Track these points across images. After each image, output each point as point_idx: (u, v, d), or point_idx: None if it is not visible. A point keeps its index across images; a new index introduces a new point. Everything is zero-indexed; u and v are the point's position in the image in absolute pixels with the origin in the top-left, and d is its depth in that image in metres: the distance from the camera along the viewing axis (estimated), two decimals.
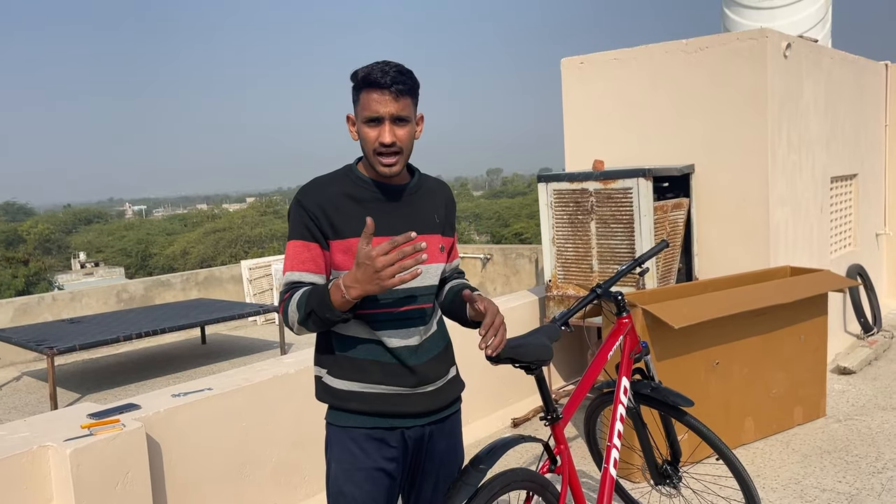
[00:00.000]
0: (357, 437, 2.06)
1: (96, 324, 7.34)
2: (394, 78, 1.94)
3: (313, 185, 2.06)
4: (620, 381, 2.88)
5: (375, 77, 1.94)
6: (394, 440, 2.08)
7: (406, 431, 2.09)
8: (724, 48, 5.13)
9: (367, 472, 2.05)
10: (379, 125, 1.97)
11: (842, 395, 5.18)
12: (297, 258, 2.02)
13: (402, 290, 2.05)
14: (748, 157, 5.11)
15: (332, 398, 2.09)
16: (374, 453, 2.06)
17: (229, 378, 3.76)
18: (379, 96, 1.95)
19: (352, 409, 2.06)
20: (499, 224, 48.43)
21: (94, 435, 2.95)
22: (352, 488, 2.05)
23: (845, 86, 6.49)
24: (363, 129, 1.99)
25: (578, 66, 5.85)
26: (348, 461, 2.06)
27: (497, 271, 11.10)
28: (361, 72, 1.97)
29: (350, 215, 2.01)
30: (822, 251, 6.13)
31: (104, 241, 52.94)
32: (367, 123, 1.98)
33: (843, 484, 3.80)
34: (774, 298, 4.24)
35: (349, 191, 2.04)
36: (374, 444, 2.06)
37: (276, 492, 3.72)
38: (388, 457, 2.07)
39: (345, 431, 2.08)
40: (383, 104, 1.95)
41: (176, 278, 9.97)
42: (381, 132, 1.96)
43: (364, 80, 1.96)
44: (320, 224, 2.01)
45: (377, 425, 2.06)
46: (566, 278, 5.17)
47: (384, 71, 1.94)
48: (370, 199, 2.04)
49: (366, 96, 1.96)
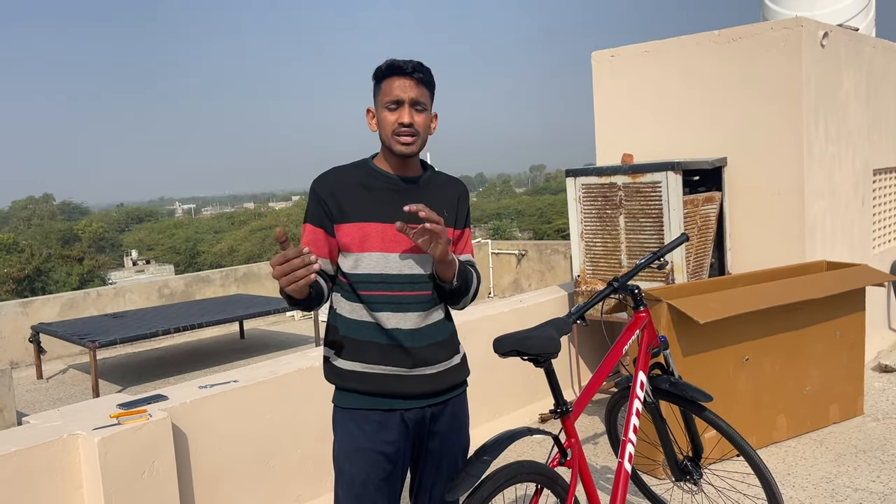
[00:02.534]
0: (357, 419, 2.15)
1: (138, 318, 7.56)
2: (415, 67, 2.12)
3: (329, 172, 2.22)
4: (637, 376, 2.85)
5: (399, 65, 2.11)
6: (393, 423, 2.15)
7: (405, 413, 2.16)
8: (758, 38, 5.01)
9: (365, 453, 2.13)
10: (399, 108, 2.11)
11: (882, 393, 5.02)
12: (307, 240, 2.19)
13: (400, 276, 2.15)
14: (783, 150, 4.99)
15: (336, 378, 2.21)
16: (372, 435, 2.13)
17: (255, 370, 3.84)
18: (401, 82, 2.11)
19: (352, 389, 2.16)
20: (541, 221, 48.16)
21: (122, 424, 3.05)
22: (350, 468, 2.14)
23: (889, 75, 6.28)
24: (383, 114, 2.13)
25: (609, 60, 5.79)
26: (348, 441, 2.15)
27: (532, 267, 11.06)
28: (384, 64, 2.13)
29: (358, 201, 2.15)
30: (864, 245, 5.95)
31: (155, 238, 54.28)
32: (387, 107, 2.12)
33: (876, 483, 3.69)
34: (806, 293, 4.14)
35: (362, 180, 2.18)
36: (373, 426, 2.14)
37: (301, 484, 3.78)
38: (387, 440, 2.14)
39: (347, 413, 2.18)
40: (404, 89, 2.11)
41: (216, 274, 10.18)
42: (400, 114, 2.11)
43: (388, 69, 2.12)
44: (329, 208, 2.15)
45: (376, 406, 2.15)
46: (595, 273, 5.13)
47: (406, 61, 2.12)
48: (381, 189, 2.17)
49: (388, 83, 2.12)
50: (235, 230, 45.88)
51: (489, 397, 4.78)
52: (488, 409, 4.78)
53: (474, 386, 4.66)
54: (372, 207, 2.14)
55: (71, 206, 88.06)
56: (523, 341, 2.21)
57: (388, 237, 2.14)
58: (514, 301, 5.37)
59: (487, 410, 4.78)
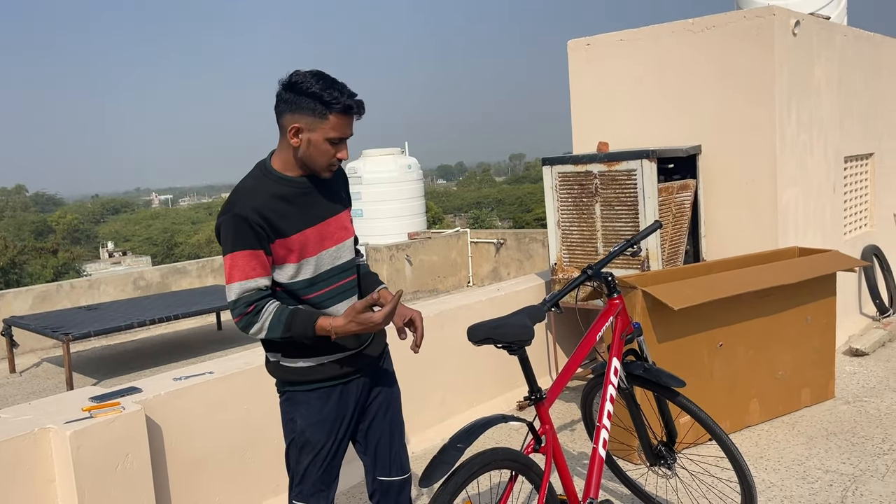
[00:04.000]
0: (321, 395, 2.35)
1: (112, 311, 7.48)
2: (363, 109, 2.24)
3: (243, 193, 2.22)
4: (611, 363, 2.87)
5: (353, 109, 2.20)
6: (348, 391, 2.38)
7: (357, 381, 2.41)
8: (731, 27, 5.05)
9: (330, 422, 2.35)
10: (340, 144, 2.23)
11: (852, 376, 5.11)
12: (247, 266, 2.18)
13: (337, 267, 2.34)
14: (756, 138, 5.04)
15: (292, 376, 2.35)
16: (335, 405, 2.35)
17: (231, 362, 3.82)
18: (349, 121, 2.21)
19: (311, 380, 2.34)
20: (521, 210, 48.29)
21: (95, 417, 3.02)
22: (317, 435, 2.33)
23: (860, 63, 6.35)
24: (323, 146, 2.20)
25: (585, 48, 5.79)
26: (312, 414, 2.34)
27: (511, 256, 11.09)
28: (336, 98, 2.16)
29: (286, 215, 2.23)
30: (836, 232, 6.03)
31: (131, 230, 53.75)
32: (331, 142, 2.20)
33: (846, 465, 3.76)
34: (778, 279, 4.19)
35: (276, 192, 2.23)
36: (332, 398, 2.35)
37: (279, 475, 3.77)
38: (347, 405, 2.38)
39: (307, 393, 2.35)
40: (349, 128, 2.23)
41: (192, 265, 10.10)
42: (340, 150, 2.23)
43: (345, 110, 2.18)
44: (263, 230, 2.18)
45: (334, 384, 2.36)
46: (571, 261, 5.15)
47: (358, 103, 2.21)
48: (295, 196, 2.26)
49: (339, 120, 2.18)
50: (213, 220, 45.51)
51: (467, 385, 4.80)
52: (466, 398, 4.80)
53: (452, 375, 4.68)
54: (299, 216, 2.24)
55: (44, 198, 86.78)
56: (496, 329, 2.22)
57: (323, 236, 2.30)
58: (491, 290, 5.38)
59: (465, 399, 4.79)
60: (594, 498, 2.63)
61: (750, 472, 2.91)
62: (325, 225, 2.30)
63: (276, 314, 2.17)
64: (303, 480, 2.37)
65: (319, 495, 2.38)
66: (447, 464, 2.10)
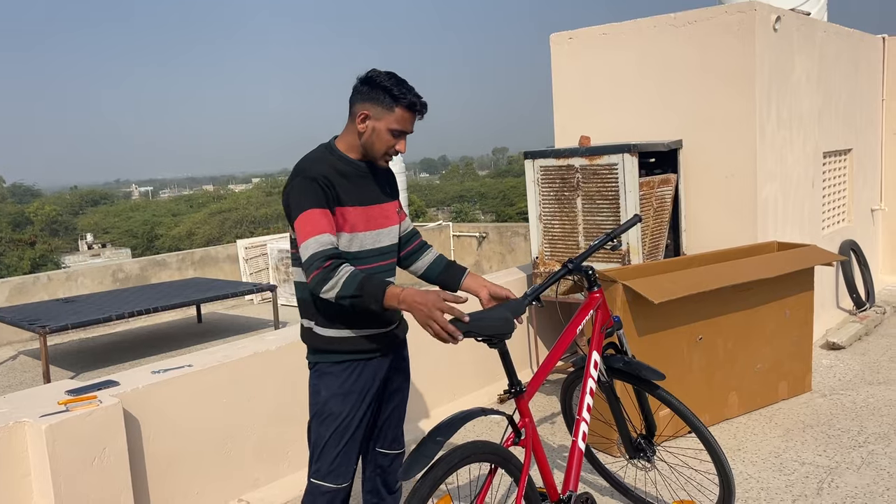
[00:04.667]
0: (346, 369, 2.47)
1: (90, 303, 7.39)
2: (426, 109, 2.47)
3: (310, 162, 2.43)
4: (591, 356, 2.88)
5: (418, 107, 2.44)
6: (371, 369, 2.51)
7: (380, 360, 2.54)
8: (713, 22, 5.07)
9: (353, 395, 2.47)
10: (401, 137, 2.45)
11: (829, 370, 5.17)
12: (321, 222, 2.32)
13: (376, 249, 2.50)
14: (736, 133, 5.07)
15: (323, 344, 2.48)
16: (357, 380, 2.47)
17: (210, 355, 3.79)
18: (412, 118, 2.44)
19: (339, 350, 2.46)
20: (504, 203, 48.32)
21: (71, 411, 2.99)
22: (338, 406, 2.45)
23: (840, 60, 6.41)
24: (385, 135, 2.42)
25: (567, 42, 5.79)
26: (335, 386, 2.46)
27: (493, 249, 11.10)
28: (404, 94, 2.39)
29: (345, 187, 2.43)
30: (814, 226, 6.09)
31: (111, 222, 53.12)
32: (392, 133, 2.42)
33: (822, 457, 3.80)
34: (758, 273, 4.22)
35: (337, 167, 2.44)
36: (356, 373, 2.48)
37: (258, 467, 3.75)
38: (368, 382, 2.50)
39: (334, 366, 2.48)
40: (411, 124, 2.46)
41: (172, 258, 10.00)
42: (400, 143, 2.46)
43: (410, 106, 2.41)
44: (331, 192, 2.37)
45: (360, 358, 2.49)
46: (553, 255, 5.16)
47: (422, 102, 2.44)
48: (353, 175, 2.46)
49: (403, 114, 2.41)
50: (194, 213, 45.10)
51: (449, 378, 4.80)
52: (447, 391, 4.80)
53: (433, 368, 4.68)
54: (354, 192, 2.44)
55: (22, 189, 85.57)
56: (477, 322, 2.21)
57: (368, 218, 2.47)
58: None
59: (447, 392, 4.79)
60: (574, 491, 2.64)
61: (729, 464, 2.94)
62: (372, 209, 2.50)
63: (351, 274, 2.26)
64: (321, 457, 2.46)
65: (337, 473, 2.46)
66: (426, 457, 2.10)
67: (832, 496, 3.39)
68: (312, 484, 2.48)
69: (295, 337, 4.02)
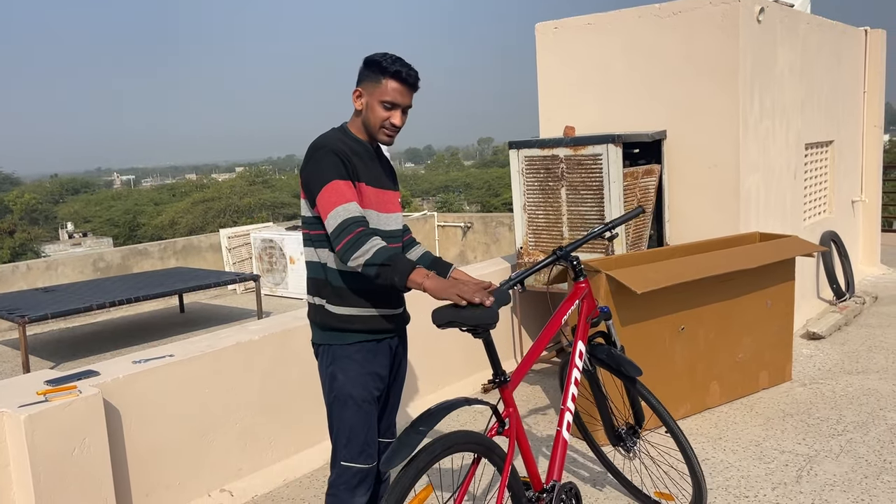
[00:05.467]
0: (360, 350, 2.48)
1: (71, 292, 7.31)
2: (416, 79, 2.45)
3: (331, 138, 2.45)
4: (576, 346, 2.88)
5: (405, 76, 2.41)
6: (383, 350, 2.54)
7: (390, 342, 2.58)
8: (697, 12, 5.07)
9: (370, 376, 2.49)
10: (393, 110, 2.44)
11: (809, 359, 5.23)
12: (347, 192, 2.34)
13: (388, 231, 2.54)
14: (719, 123, 5.09)
15: (335, 321, 2.47)
16: (372, 361, 2.50)
17: (192, 345, 3.76)
18: (402, 89, 2.43)
19: (353, 329, 2.47)
20: (489, 194, 48.34)
21: (50, 401, 2.95)
22: (359, 390, 2.46)
23: (822, 52, 6.44)
24: (377, 108, 2.43)
25: (553, 32, 5.78)
26: (353, 370, 2.46)
27: (477, 240, 11.10)
28: (392, 66, 2.40)
29: (358, 165, 2.46)
30: (796, 217, 6.14)
31: (92, 211, 52.58)
32: (383, 105, 2.43)
33: (802, 446, 3.85)
34: (740, 264, 4.25)
35: (351, 147, 2.47)
36: (371, 354, 2.50)
37: (241, 457, 3.73)
38: (382, 363, 2.54)
39: (349, 347, 2.48)
40: (403, 96, 2.44)
41: (154, 247, 9.92)
42: (392, 115, 2.45)
43: (395, 75, 2.41)
44: (349, 166, 2.40)
45: (372, 339, 2.50)
46: (537, 245, 5.17)
47: (410, 73, 2.42)
48: (364, 156, 2.50)
49: (391, 84, 2.41)
50: (177, 202, 44.73)
51: (433, 368, 4.80)
52: (432, 380, 4.80)
53: (418, 357, 4.67)
54: (366, 171, 2.47)
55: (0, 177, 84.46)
56: (461, 312, 2.20)
57: (378, 199, 2.51)
58: None
59: (431, 381, 4.79)
60: (557, 480, 2.65)
61: (700, 465, 2.98)
62: (385, 192, 2.55)
63: (383, 245, 2.28)
64: (351, 441, 2.46)
65: (368, 453, 2.49)
66: (409, 447, 2.09)
67: (811, 484, 3.43)
68: (344, 467, 2.48)
69: (278, 327, 4.00)
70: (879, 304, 6.65)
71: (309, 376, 4.05)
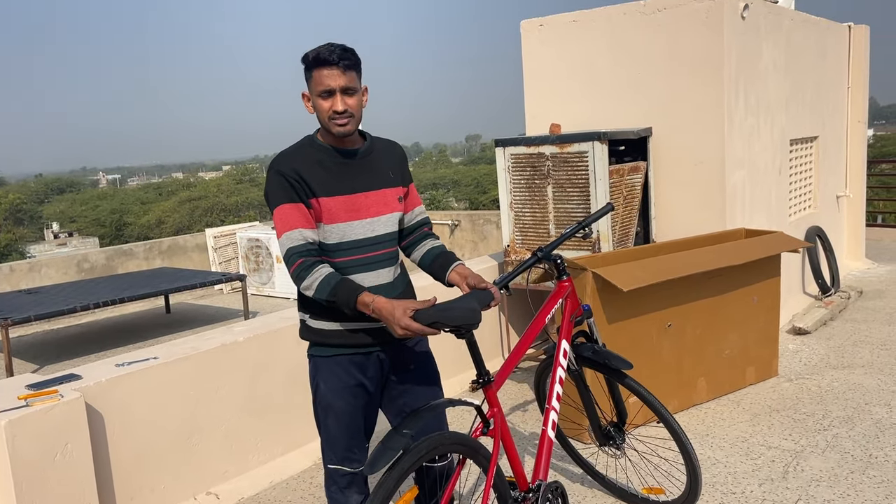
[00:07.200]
0: (341, 362, 2.43)
1: (55, 294, 7.24)
2: (340, 55, 2.27)
3: (284, 156, 2.36)
4: (560, 344, 2.87)
5: (325, 56, 2.26)
6: (370, 362, 2.46)
7: (380, 354, 2.47)
8: (682, 9, 5.07)
9: (350, 388, 2.43)
10: (331, 97, 2.30)
11: (795, 354, 5.25)
12: (291, 217, 2.29)
13: (368, 238, 2.41)
14: (705, 120, 5.10)
15: (315, 336, 2.45)
16: (355, 373, 2.43)
17: (176, 347, 3.72)
18: (329, 72, 2.27)
19: (333, 344, 2.42)
20: (477, 191, 48.32)
21: (31, 406, 2.91)
22: (338, 402, 2.43)
23: (806, 48, 6.47)
24: (318, 102, 2.32)
25: (538, 29, 5.77)
26: (333, 381, 2.43)
27: (465, 237, 11.08)
28: (311, 53, 2.28)
29: (320, 178, 2.34)
30: (781, 213, 6.16)
31: (77, 210, 52.19)
32: (321, 96, 2.30)
33: (788, 441, 3.86)
34: (726, 260, 4.26)
35: (315, 157, 2.36)
36: (354, 367, 2.43)
37: (227, 460, 3.71)
38: (367, 375, 2.46)
39: (329, 359, 2.44)
40: (333, 79, 2.28)
41: (139, 247, 9.84)
42: (333, 102, 2.30)
43: (315, 60, 2.27)
44: (301, 185, 2.31)
45: (356, 352, 2.44)
46: (524, 243, 5.16)
47: (331, 51, 2.26)
48: (332, 164, 2.37)
49: (318, 73, 2.28)
50: (164, 201, 44.47)
51: None
52: None
53: None
54: (331, 182, 2.35)
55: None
56: (444, 312, 2.19)
57: (349, 207, 2.37)
58: None
59: None
60: (543, 480, 2.64)
61: (695, 452, 2.96)
62: (359, 197, 2.40)
63: (326, 277, 2.25)
64: (332, 445, 2.47)
65: (351, 459, 2.47)
66: (393, 450, 2.07)
67: (797, 479, 3.45)
68: (330, 469, 2.49)
69: (263, 328, 3.97)
70: (864, 299, 6.70)
71: (295, 377, 4.02)
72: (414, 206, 2.63)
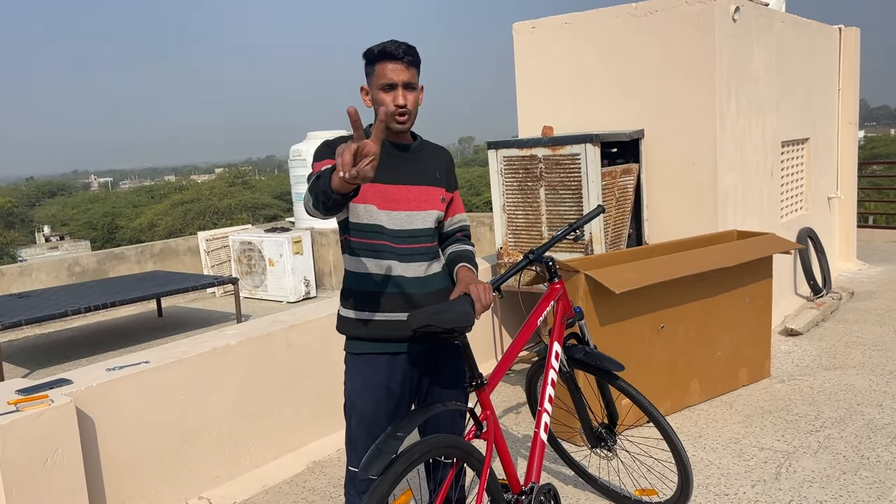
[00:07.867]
0: (368, 361, 2.42)
1: (45, 298, 7.20)
2: (405, 51, 2.33)
3: (342, 137, 2.42)
4: (552, 347, 2.87)
5: (391, 51, 2.32)
6: (398, 364, 2.42)
7: (408, 357, 2.44)
8: (673, 12, 5.09)
9: (375, 390, 2.40)
10: (393, 90, 2.34)
11: (787, 356, 5.26)
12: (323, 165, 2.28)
13: (403, 231, 2.41)
14: (696, 122, 5.11)
15: (343, 326, 2.46)
16: (381, 374, 2.41)
17: (167, 351, 3.71)
18: (393, 66, 2.32)
19: (359, 336, 2.42)
20: (471, 193, 48.34)
21: (21, 411, 2.89)
22: (362, 403, 2.42)
23: (797, 50, 6.49)
24: (379, 95, 2.34)
25: (530, 31, 5.77)
26: (360, 381, 2.42)
27: None
28: (377, 48, 2.34)
29: None
30: (773, 215, 6.18)
31: (69, 213, 51.89)
32: (382, 90, 2.33)
33: (781, 442, 3.87)
34: (718, 262, 4.27)
35: None
36: (381, 368, 2.41)
37: (219, 465, 3.69)
38: (393, 377, 2.42)
39: (358, 357, 2.43)
40: (397, 73, 2.32)
41: (130, 251, 9.80)
42: (395, 96, 2.33)
43: (381, 54, 2.32)
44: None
45: (383, 351, 2.41)
46: (517, 245, 5.16)
47: (396, 45, 2.32)
48: (384, 153, 2.41)
49: (381, 67, 2.33)
50: (156, 204, 44.26)
51: None
52: None
53: None
54: (379, 169, 2.37)
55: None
56: (437, 315, 2.18)
57: (388, 197, 2.38)
58: None
59: None
60: (536, 482, 2.64)
61: (686, 453, 2.97)
62: (401, 189, 2.41)
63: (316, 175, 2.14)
64: (354, 445, 2.45)
65: None
66: (386, 453, 2.07)
67: (790, 480, 3.45)
68: (351, 472, 2.47)
69: (255, 331, 3.96)
70: (856, 300, 6.72)
71: (287, 381, 4.01)
72: (456, 212, 2.64)
